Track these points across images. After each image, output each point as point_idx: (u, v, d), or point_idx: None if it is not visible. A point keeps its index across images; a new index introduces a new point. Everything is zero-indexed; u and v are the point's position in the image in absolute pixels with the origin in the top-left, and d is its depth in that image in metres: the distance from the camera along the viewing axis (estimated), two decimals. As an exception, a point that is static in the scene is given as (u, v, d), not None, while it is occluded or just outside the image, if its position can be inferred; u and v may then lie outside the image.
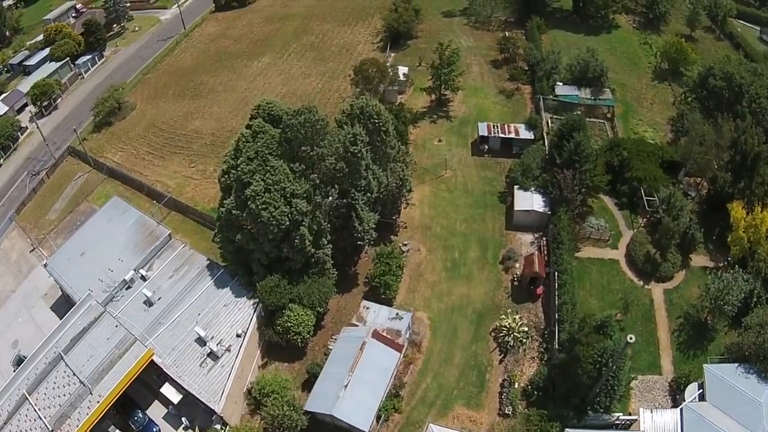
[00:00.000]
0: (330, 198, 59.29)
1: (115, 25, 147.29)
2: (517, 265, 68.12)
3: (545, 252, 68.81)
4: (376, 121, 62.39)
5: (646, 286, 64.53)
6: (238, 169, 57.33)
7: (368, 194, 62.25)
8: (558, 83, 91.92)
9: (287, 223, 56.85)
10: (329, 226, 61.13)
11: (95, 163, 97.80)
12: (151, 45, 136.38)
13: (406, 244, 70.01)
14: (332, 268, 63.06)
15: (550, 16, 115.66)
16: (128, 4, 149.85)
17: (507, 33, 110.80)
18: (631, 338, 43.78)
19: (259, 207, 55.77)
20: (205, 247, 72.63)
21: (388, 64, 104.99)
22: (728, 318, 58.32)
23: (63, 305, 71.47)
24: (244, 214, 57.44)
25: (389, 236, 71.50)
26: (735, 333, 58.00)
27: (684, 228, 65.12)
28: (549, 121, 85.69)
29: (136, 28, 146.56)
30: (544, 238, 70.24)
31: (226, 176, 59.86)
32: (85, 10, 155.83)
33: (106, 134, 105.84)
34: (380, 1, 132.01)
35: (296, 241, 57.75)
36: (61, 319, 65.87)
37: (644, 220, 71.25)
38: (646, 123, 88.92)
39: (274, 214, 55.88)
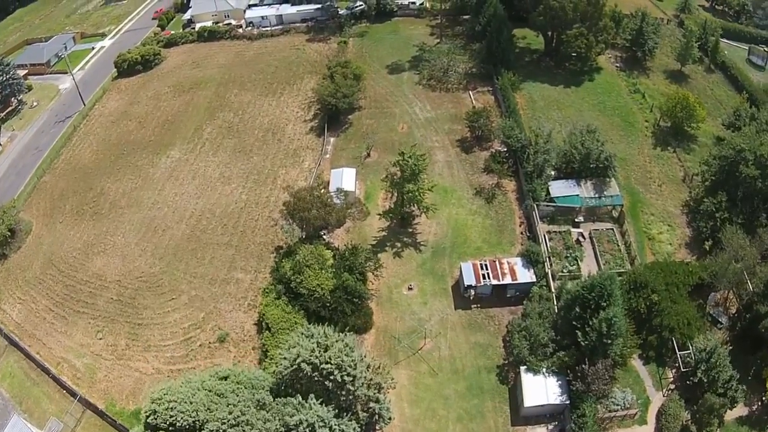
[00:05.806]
0: None
1: (13, 99, 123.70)
2: (535, 482, 51.71)
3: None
4: (337, 376, 43.99)
5: (682, 468, 51.53)
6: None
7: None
8: (551, 174, 74.09)
9: None
10: None
11: (-8, 324, 77.78)
12: (48, 129, 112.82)
13: (388, 481, 52.14)
14: None
15: (518, 61, 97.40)
16: (23, 74, 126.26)
17: (472, 94, 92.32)
18: None
19: None
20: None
21: (327, 156, 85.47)
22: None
23: None
24: None
25: (364, 460, 53.66)
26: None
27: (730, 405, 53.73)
28: (546, 237, 68.09)
29: (35, 104, 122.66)
30: (563, 435, 53.77)
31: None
32: None
33: (2, 272, 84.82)
34: (310, 55, 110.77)
35: None
36: None
37: (674, 372, 58.79)
38: (659, 218, 72.25)
39: None
